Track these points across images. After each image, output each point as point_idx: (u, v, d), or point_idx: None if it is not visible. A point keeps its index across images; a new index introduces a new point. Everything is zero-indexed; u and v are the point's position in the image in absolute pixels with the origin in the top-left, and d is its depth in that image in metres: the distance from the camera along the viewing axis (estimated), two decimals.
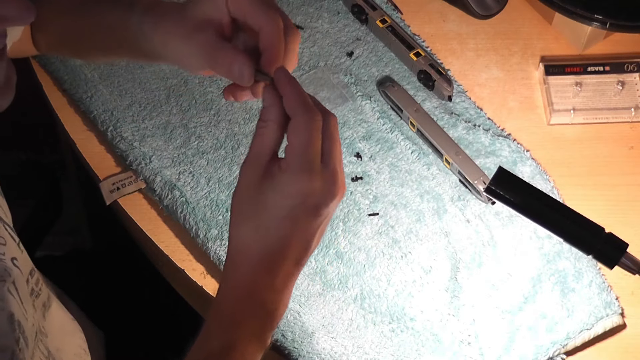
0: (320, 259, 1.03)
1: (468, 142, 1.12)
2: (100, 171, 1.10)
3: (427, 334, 0.99)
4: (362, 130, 1.13)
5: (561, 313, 1.00)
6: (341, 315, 1.00)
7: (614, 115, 1.15)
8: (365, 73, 1.18)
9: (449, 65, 1.19)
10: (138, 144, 1.11)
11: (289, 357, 0.99)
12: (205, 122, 1.13)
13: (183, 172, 1.09)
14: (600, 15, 1.15)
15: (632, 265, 0.77)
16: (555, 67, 1.17)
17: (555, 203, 0.79)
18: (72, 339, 0.96)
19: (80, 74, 1.16)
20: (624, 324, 1.01)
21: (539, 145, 1.13)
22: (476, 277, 1.02)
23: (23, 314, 0.78)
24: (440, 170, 1.10)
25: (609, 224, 0.79)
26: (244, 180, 0.73)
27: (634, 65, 1.17)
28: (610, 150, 1.13)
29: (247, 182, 0.73)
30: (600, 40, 1.21)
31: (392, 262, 1.03)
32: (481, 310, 1.00)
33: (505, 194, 0.78)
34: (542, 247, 1.04)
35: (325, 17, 1.23)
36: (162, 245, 1.05)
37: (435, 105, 1.15)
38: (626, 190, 1.10)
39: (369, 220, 1.06)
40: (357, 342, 0.99)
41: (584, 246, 0.78)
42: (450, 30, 1.23)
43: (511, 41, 1.22)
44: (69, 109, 1.15)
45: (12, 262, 0.78)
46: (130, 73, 1.17)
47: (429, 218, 1.06)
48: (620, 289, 1.02)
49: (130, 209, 1.08)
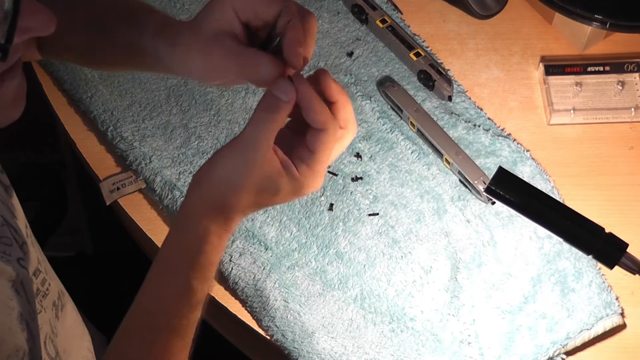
0: (320, 259, 1.03)
1: (468, 142, 1.12)
2: (100, 171, 1.10)
3: (427, 334, 0.99)
4: (362, 130, 1.13)
5: (561, 313, 1.00)
6: (341, 315, 1.00)
7: (614, 115, 1.15)
8: (365, 73, 1.18)
9: (449, 65, 1.19)
10: (138, 144, 1.11)
11: (289, 357, 0.99)
12: (205, 122, 1.13)
13: (183, 172, 1.09)
14: (600, 15, 1.15)
15: (632, 265, 0.77)
16: (555, 67, 1.17)
17: (555, 203, 0.79)
18: (81, 342, 0.96)
19: (80, 74, 1.16)
20: (624, 324, 1.01)
21: (539, 145, 1.13)
22: (476, 277, 1.02)
23: (30, 313, 0.78)
24: (440, 170, 1.10)
25: (609, 224, 0.79)
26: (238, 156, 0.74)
27: (634, 65, 1.17)
28: (610, 150, 1.13)
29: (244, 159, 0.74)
30: (600, 40, 1.21)
31: (392, 262, 1.03)
32: (481, 310, 1.00)
33: (505, 194, 0.78)
34: (542, 247, 1.04)
35: (325, 17, 1.23)
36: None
37: (435, 105, 1.15)
38: (626, 190, 1.10)
39: (369, 220, 1.06)
40: (357, 342, 0.99)
41: (584, 246, 0.78)
42: (450, 30, 1.23)
43: (511, 41, 1.22)
44: (69, 109, 1.15)
45: (18, 262, 0.78)
46: (130, 73, 1.17)
47: (429, 218, 1.06)
48: (620, 289, 1.02)
49: (130, 209, 1.08)
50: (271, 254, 1.03)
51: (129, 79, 1.16)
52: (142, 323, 0.77)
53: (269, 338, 1.00)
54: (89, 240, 1.72)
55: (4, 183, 0.86)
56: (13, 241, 0.80)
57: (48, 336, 0.84)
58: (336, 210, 1.07)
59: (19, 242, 0.81)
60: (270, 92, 0.73)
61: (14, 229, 0.81)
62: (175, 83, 1.16)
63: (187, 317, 0.77)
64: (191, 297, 0.77)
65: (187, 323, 0.77)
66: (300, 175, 0.75)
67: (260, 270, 1.02)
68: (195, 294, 0.77)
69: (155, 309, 0.77)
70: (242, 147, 0.73)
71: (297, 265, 1.03)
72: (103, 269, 1.44)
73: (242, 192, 0.75)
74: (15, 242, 0.80)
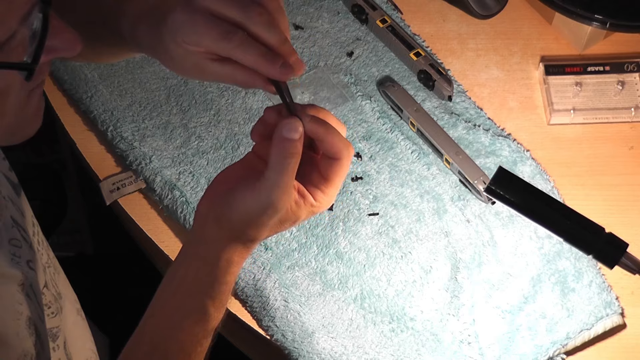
0: (320, 259, 1.03)
1: (468, 142, 1.12)
2: (100, 171, 1.10)
3: (427, 334, 0.99)
4: (362, 130, 1.13)
5: (561, 313, 1.00)
6: (341, 315, 1.00)
7: (614, 115, 1.15)
8: (365, 73, 1.18)
9: (449, 65, 1.19)
10: (138, 144, 1.11)
11: (289, 357, 0.99)
12: (205, 122, 1.13)
13: (183, 172, 1.09)
14: (600, 15, 1.15)
15: (632, 265, 0.77)
16: (555, 67, 1.17)
17: (555, 203, 0.79)
18: (84, 343, 0.96)
19: (80, 74, 1.16)
20: (624, 323, 1.01)
21: (539, 145, 1.13)
22: (476, 277, 1.02)
23: (39, 316, 0.78)
24: (440, 170, 1.10)
25: (609, 224, 0.79)
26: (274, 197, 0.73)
27: (634, 65, 1.17)
28: (610, 150, 1.13)
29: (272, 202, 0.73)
30: (600, 40, 1.21)
31: (392, 262, 1.03)
32: (481, 310, 1.00)
33: (505, 194, 0.78)
34: (542, 247, 1.04)
35: (325, 17, 1.23)
36: (162, 245, 1.05)
37: (435, 105, 1.15)
38: (626, 190, 1.10)
39: (369, 220, 1.06)
40: (357, 342, 0.99)
41: (584, 246, 0.78)
42: (450, 30, 1.23)
43: (511, 41, 1.22)
44: (69, 109, 1.15)
45: (27, 265, 0.78)
46: (130, 73, 1.17)
47: (429, 218, 1.06)
48: (620, 289, 1.02)
49: (130, 209, 1.08)
50: (271, 254, 1.03)
51: (129, 79, 1.16)
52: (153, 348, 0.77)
53: (269, 338, 1.00)
54: (89, 240, 1.72)
55: (13, 182, 0.86)
56: (23, 242, 0.80)
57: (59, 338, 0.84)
58: (336, 210, 1.07)
59: (27, 242, 0.81)
60: (282, 136, 0.72)
61: (24, 229, 0.81)
62: (175, 83, 1.16)
63: (202, 343, 0.77)
64: (208, 323, 0.76)
65: (201, 349, 0.77)
66: (317, 201, 0.75)
67: (260, 270, 1.02)
68: (212, 321, 0.77)
69: (167, 335, 0.76)
70: (267, 192, 0.72)
71: (297, 265, 1.03)
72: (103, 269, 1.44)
73: (266, 228, 0.75)
74: (24, 243, 0.80)
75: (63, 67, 1.16)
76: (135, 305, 1.24)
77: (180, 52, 0.73)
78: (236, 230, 0.75)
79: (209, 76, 0.75)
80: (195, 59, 0.73)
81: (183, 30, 0.72)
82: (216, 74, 0.74)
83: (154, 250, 1.07)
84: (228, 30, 0.71)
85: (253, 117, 1.13)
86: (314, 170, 0.76)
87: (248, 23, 0.71)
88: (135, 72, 1.17)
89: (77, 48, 0.65)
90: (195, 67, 0.74)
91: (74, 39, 0.65)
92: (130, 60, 1.17)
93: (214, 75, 0.74)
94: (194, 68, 0.74)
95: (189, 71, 0.75)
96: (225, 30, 0.71)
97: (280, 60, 0.71)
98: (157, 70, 1.17)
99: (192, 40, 0.72)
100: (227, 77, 0.74)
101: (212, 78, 0.75)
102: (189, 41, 0.72)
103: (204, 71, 0.74)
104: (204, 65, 0.73)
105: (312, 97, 1.15)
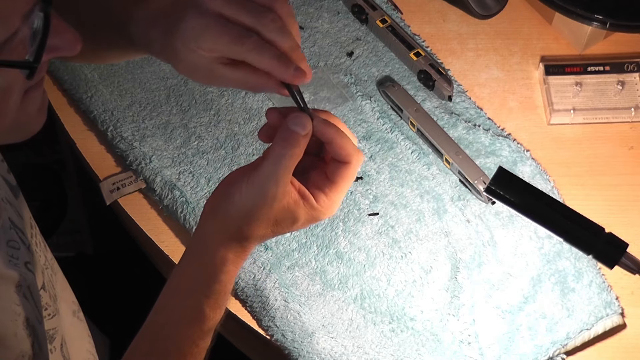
0: (320, 259, 1.03)
1: (468, 142, 1.12)
2: (100, 171, 1.10)
3: (427, 334, 0.99)
4: (362, 130, 1.13)
5: (561, 313, 1.00)
6: (341, 315, 1.00)
7: (614, 115, 1.15)
8: (365, 73, 1.18)
9: (449, 65, 1.19)
10: (138, 144, 1.11)
11: (289, 357, 0.99)
12: (205, 122, 1.13)
13: (183, 172, 1.09)
14: (600, 15, 1.15)
15: (632, 265, 0.77)
16: (555, 67, 1.17)
17: (555, 203, 0.79)
18: (82, 344, 0.96)
19: (80, 74, 1.16)
20: (624, 323, 1.01)
21: (539, 145, 1.13)
22: (476, 277, 1.02)
23: (37, 317, 0.78)
24: (440, 170, 1.10)
25: (609, 224, 0.79)
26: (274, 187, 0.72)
27: (634, 65, 1.17)
28: (610, 150, 1.13)
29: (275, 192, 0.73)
30: (600, 40, 1.21)
31: (392, 262, 1.03)
32: (481, 310, 1.00)
33: (505, 194, 0.78)
34: (542, 247, 1.04)
35: (325, 17, 1.23)
36: (162, 245, 1.05)
37: (435, 105, 1.15)
38: (626, 190, 1.10)
39: (369, 220, 1.06)
40: (357, 342, 0.99)
41: (584, 246, 0.78)
42: (450, 30, 1.23)
43: (511, 41, 1.22)
44: (69, 109, 1.15)
45: (25, 266, 0.78)
46: (130, 73, 1.17)
47: (429, 218, 1.06)
48: (620, 289, 1.02)
49: (130, 209, 1.08)
50: (271, 254, 1.03)
51: (129, 79, 1.16)
52: (150, 349, 0.77)
53: (269, 338, 1.00)
54: (89, 240, 1.72)
55: (11, 184, 0.86)
56: (21, 244, 0.80)
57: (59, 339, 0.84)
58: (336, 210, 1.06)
59: (25, 244, 0.81)
60: (288, 127, 0.72)
61: (22, 231, 0.81)
62: (175, 83, 1.16)
63: (197, 343, 0.77)
64: (203, 324, 0.76)
65: (197, 350, 0.77)
66: (319, 204, 0.75)
67: (260, 270, 1.02)
68: (208, 321, 0.77)
69: (165, 335, 0.77)
70: (261, 182, 0.72)
71: (297, 265, 1.03)
72: (103, 269, 1.44)
73: (260, 225, 0.74)
74: (22, 245, 0.80)
75: (63, 67, 1.16)
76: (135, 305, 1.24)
77: (193, 56, 0.73)
78: (231, 226, 0.75)
79: (221, 80, 0.75)
80: (207, 64, 0.73)
81: (196, 34, 0.72)
82: (228, 79, 0.74)
83: (154, 250, 1.07)
84: (242, 34, 0.71)
85: (253, 117, 1.13)
86: (320, 174, 0.76)
87: (261, 29, 0.71)
88: (135, 72, 1.17)
89: (77, 48, 0.65)
90: (207, 72, 0.74)
91: (75, 39, 0.65)
92: (130, 60, 1.17)
93: (225, 79, 0.74)
94: (206, 72, 0.74)
95: (200, 75, 0.76)
96: (238, 34, 0.71)
97: (294, 64, 0.71)
98: (157, 70, 1.17)
99: (205, 45, 0.72)
100: (238, 82, 0.74)
101: (223, 82, 0.75)
102: (202, 46, 0.72)
103: (215, 75, 0.74)
104: (216, 70, 0.73)
105: (312, 97, 1.15)
